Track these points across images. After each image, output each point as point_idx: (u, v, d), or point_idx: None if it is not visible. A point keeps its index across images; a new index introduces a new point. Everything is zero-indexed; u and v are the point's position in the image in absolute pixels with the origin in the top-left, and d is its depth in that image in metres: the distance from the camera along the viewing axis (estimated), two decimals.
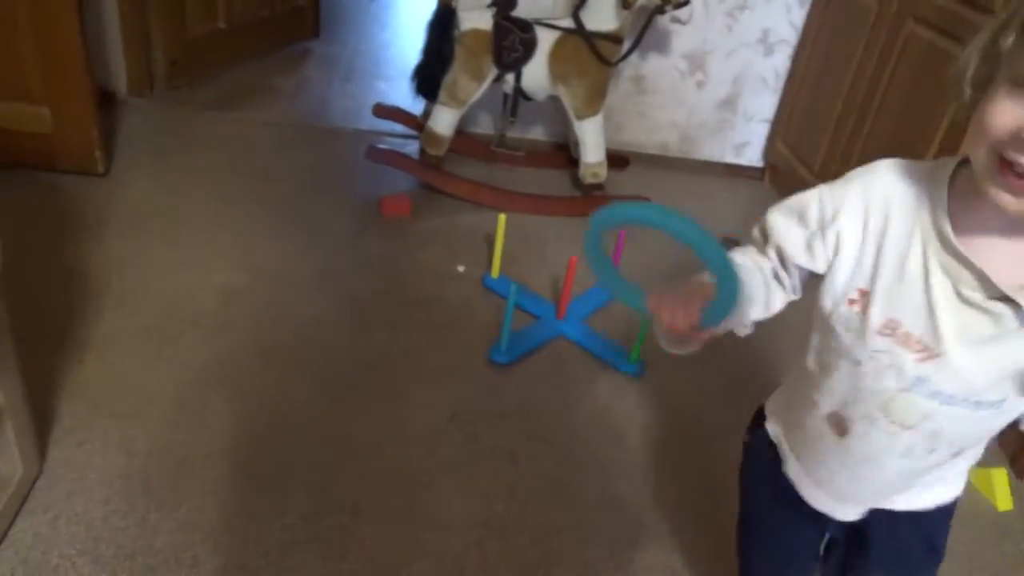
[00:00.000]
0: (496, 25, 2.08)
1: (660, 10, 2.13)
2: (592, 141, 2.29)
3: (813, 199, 0.73)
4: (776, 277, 0.77)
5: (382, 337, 1.74)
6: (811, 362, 0.79)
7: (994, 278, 0.63)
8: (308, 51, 3.33)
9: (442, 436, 1.51)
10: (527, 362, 1.73)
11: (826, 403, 0.78)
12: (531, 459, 1.49)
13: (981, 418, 0.71)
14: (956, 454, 0.77)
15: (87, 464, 1.31)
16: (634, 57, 2.52)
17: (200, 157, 2.36)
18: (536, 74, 2.16)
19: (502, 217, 1.87)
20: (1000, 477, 1.58)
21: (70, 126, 2.01)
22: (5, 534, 1.17)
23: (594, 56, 2.12)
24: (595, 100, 2.22)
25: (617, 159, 2.58)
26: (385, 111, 2.53)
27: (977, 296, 0.65)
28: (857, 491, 0.82)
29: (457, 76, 2.14)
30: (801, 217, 0.73)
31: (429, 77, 2.21)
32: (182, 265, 1.85)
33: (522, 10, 2.12)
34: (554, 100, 2.32)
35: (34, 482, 1.26)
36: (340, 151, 2.51)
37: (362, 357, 1.67)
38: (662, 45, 2.55)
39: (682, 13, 2.26)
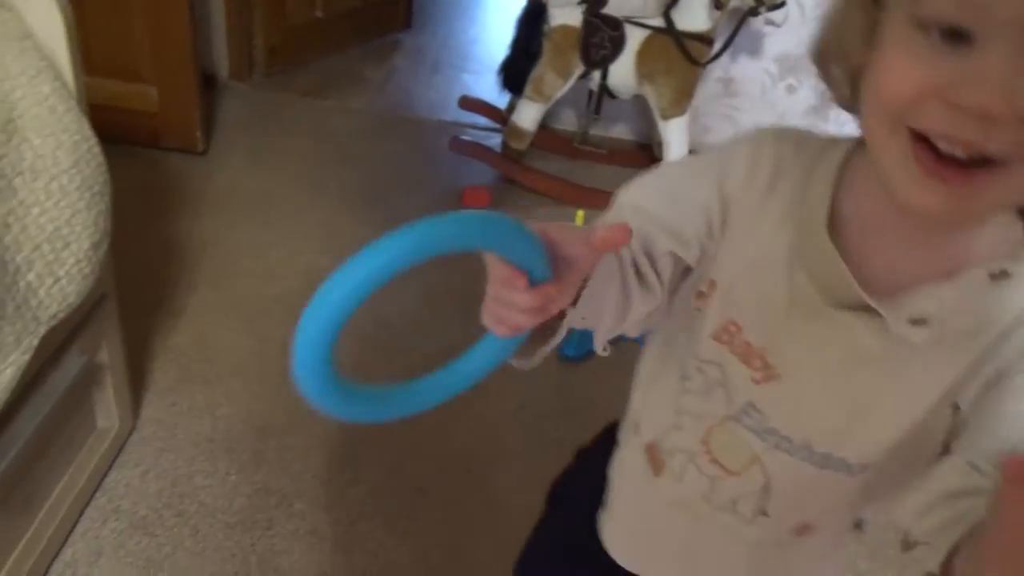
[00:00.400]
0: (585, 22, 2.09)
1: (754, 12, 2.09)
2: (676, 141, 2.27)
3: (686, 172, 0.60)
4: (637, 272, 0.54)
5: (456, 326, 1.78)
6: (643, 372, 0.66)
7: (862, 283, 0.49)
8: (398, 42, 3.40)
9: (509, 426, 1.54)
10: (596, 359, 1.74)
11: (647, 428, 0.64)
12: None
13: (830, 484, 0.54)
14: (802, 531, 0.60)
15: (175, 424, 1.40)
16: (723, 58, 2.48)
17: (292, 141, 2.45)
18: (623, 72, 2.15)
19: (580, 213, 1.88)
20: None
21: (174, 106, 2.12)
22: (100, 484, 1.26)
23: (683, 56, 2.10)
24: (682, 100, 2.20)
25: None
26: (471, 103, 2.57)
27: (841, 304, 0.50)
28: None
29: (544, 71, 2.16)
30: (671, 194, 0.57)
31: (516, 71, 2.23)
32: (271, 244, 1.93)
33: (612, 7, 2.12)
34: (639, 98, 2.31)
35: (128, 436, 1.35)
36: (424, 141, 2.57)
37: (435, 343, 1.71)
38: (753, 47, 2.50)
39: (776, 15, 2.21)
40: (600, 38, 2.10)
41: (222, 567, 1.19)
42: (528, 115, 2.25)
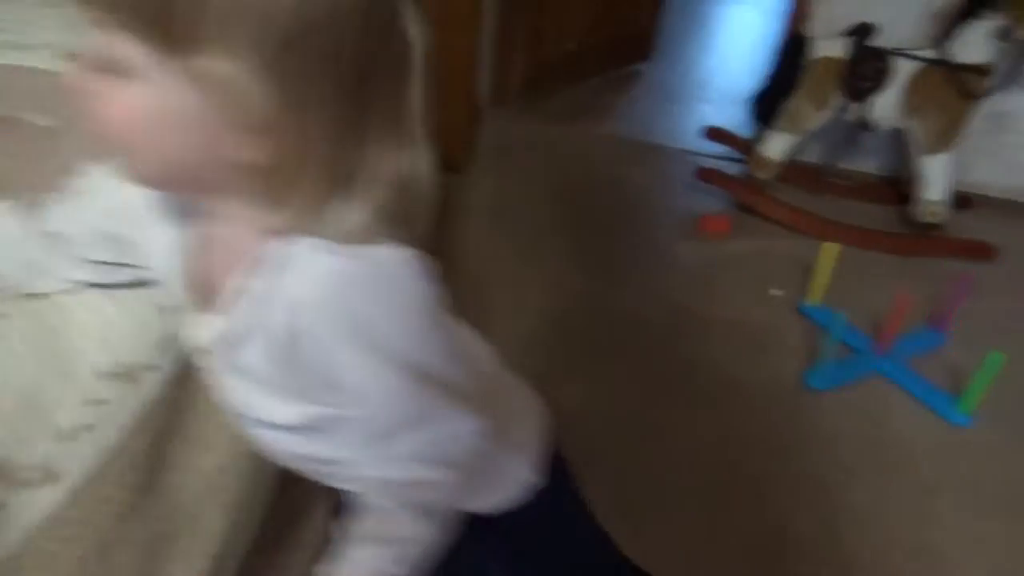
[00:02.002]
0: (853, 54, 2.06)
1: None
2: (936, 178, 2.16)
3: None
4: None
5: (693, 345, 1.83)
6: None
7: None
8: (640, 73, 3.51)
9: (744, 451, 1.55)
10: (839, 393, 1.71)
11: None
12: (839, 488, 1.48)
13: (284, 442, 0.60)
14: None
15: None
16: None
17: (542, 163, 2.63)
18: (887, 105, 2.09)
19: (832, 245, 1.85)
20: None
21: (449, 127, 2.38)
22: None
23: (958, 90, 2.00)
24: (950, 135, 2.09)
25: (960, 199, 2.39)
26: (717, 133, 2.61)
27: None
28: None
29: (800, 103, 2.16)
30: None
31: (770, 102, 2.24)
32: (515, 258, 2.10)
33: (880, 38, 2.07)
34: (894, 132, 2.22)
35: None
36: (663, 168, 2.64)
37: (671, 361, 1.77)
38: None
39: None
40: (866, 69, 2.06)
41: None
42: (778, 146, 2.25)
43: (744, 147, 2.48)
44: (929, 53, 2.02)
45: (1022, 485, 1.54)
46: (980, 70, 2.00)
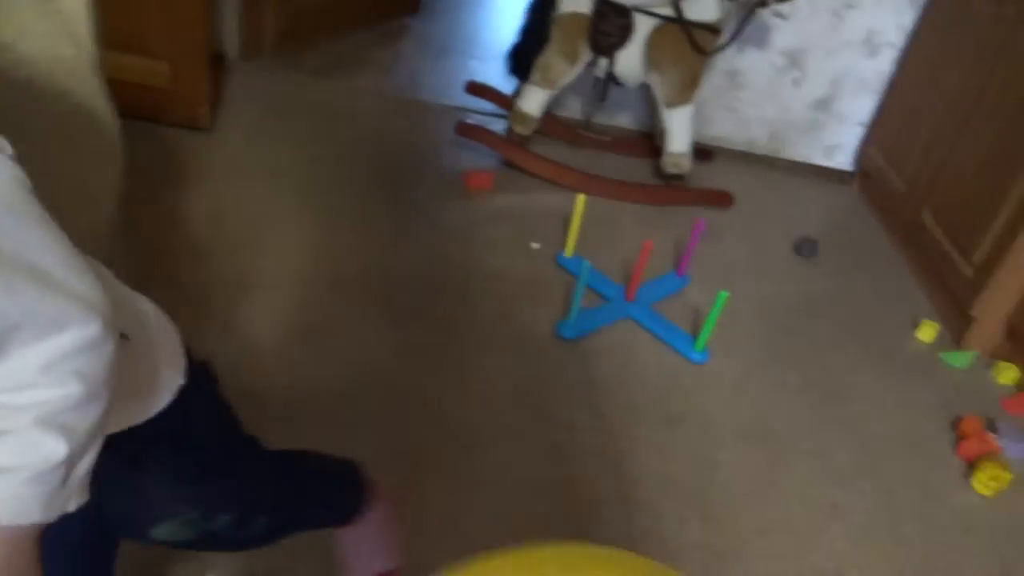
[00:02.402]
0: (595, 10, 2.10)
1: (762, 3, 2.10)
2: (679, 130, 2.29)
3: None
4: None
5: (453, 302, 1.80)
6: None
7: None
8: (406, 26, 3.41)
9: (503, 402, 1.56)
10: (592, 340, 1.77)
11: None
12: (588, 432, 1.53)
13: None
14: None
15: None
16: (730, 50, 2.49)
17: (297, 120, 2.46)
18: (630, 60, 2.17)
19: (581, 197, 1.89)
20: None
21: (184, 82, 2.14)
22: None
23: (691, 46, 2.12)
24: (688, 89, 2.21)
25: (701, 151, 2.57)
26: (477, 88, 2.58)
27: None
28: None
29: (551, 57, 2.18)
30: None
31: (524, 57, 2.25)
32: (273, 219, 1.96)
33: None
34: (644, 88, 2.32)
35: None
36: (428, 124, 2.58)
37: (433, 320, 1.73)
38: (760, 39, 2.52)
39: (784, 8, 2.22)
40: (609, 25, 2.11)
41: None
42: (534, 101, 2.26)
43: (504, 102, 2.48)
44: (666, 11, 2.11)
45: (750, 411, 1.68)
46: (710, 28, 2.13)
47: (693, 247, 1.95)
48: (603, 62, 2.18)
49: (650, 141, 2.61)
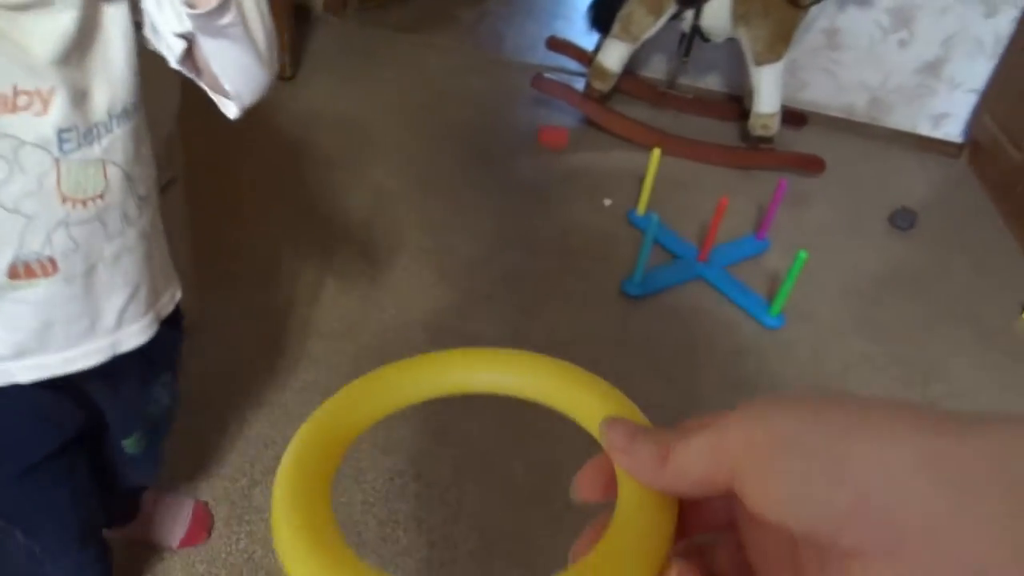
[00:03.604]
0: None
1: None
2: (768, 90, 2.15)
3: None
4: None
5: (519, 254, 1.76)
6: None
7: None
8: None
9: (563, 354, 1.50)
10: (660, 299, 1.69)
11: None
12: (646, 391, 1.46)
13: None
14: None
15: (232, 318, 1.44)
16: (830, 7, 2.33)
17: (379, 73, 2.47)
18: (718, 12, 2.05)
19: (655, 152, 1.81)
20: None
21: None
22: None
23: None
24: (778, 45, 2.08)
25: (794, 116, 2.42)
26: (558, 44, 2.52)
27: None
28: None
29: (633, 9, 2.08)
30: None
31: (605, 10, 2.16)
32: (344, 163, 1.96)
33: None
34: (733, 46, 2.20)
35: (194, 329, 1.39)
36: (509, 81, 2.53)
37: (498, 269, 1.70)
38: None
39: None
40: None
41: (263, 451, 1.22)
42: (614, 55, 2.18)
43: (585, 58, 2.40)
44: None
45: (827, 382, 1.57)
46: None
47: (775, 209, 1.83)
48: (688, 14, 2.07)
49: (739, 104, 2.48)
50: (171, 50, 0.62)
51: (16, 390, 0.66)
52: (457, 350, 0.31)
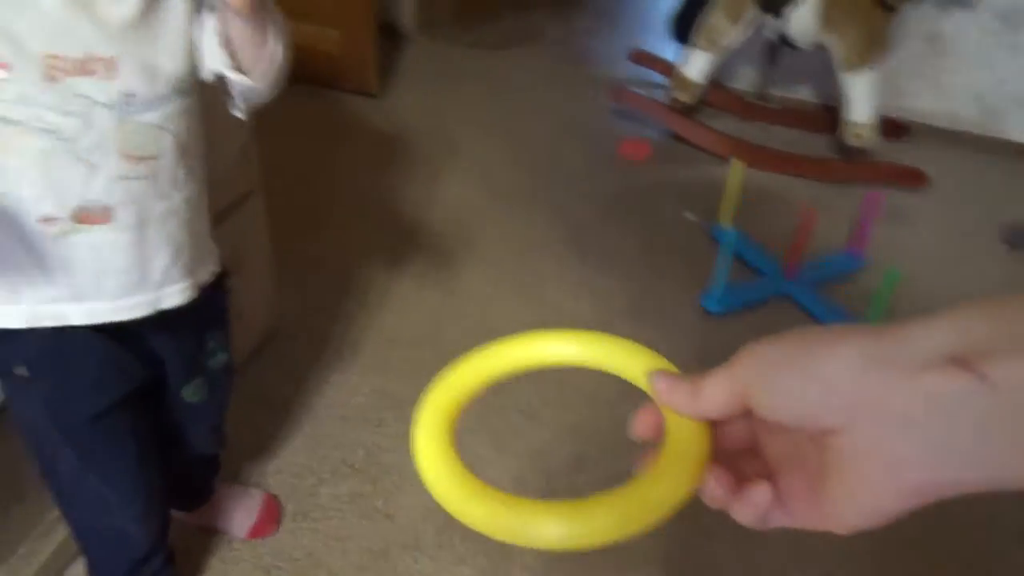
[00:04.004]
0: None
1: None
2: (860, 98, 2.05)
3: None
4: None
5: (596, 268, 1.74)
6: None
7: None
8: (582, 3, 3.38)
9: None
10: (741, 316, 1.63)
11: (57, 208, 0.67)
12: None
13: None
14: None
15: (313, 324, 1.48)
16: (932, 11, 2.21)
17: (464, 89, 2.51)
18: (804, 17, 1.97)
19: (737, 164, 1.75)
20: None
21: (353, 49, 2.25)
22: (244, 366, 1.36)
23: (873, 0, 1.89)
24: (870, 50, 1.98)
25: (894, 126, 2.30)
26: (642, 57, 2.49)
27: None
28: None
29: (715, 17, 2.04)
30: None
31: (687, 19, 2.13)
32: (426, 177, 2.00)
33: None
34: (824, 52, 2.11)
35: (273, 334, 1.45)
36: (592, 95, 2.52)
37: (574, 282, 1.68)
38: None
39: None
40: None
41: (331, 452, 1.24)
42: (696, 65, 2.14)
43: (669, 71, 2.36)
44: None
45: None
46: None
47: (868, 224, 1.74)
48: (772, 21, 2.01)
49: (834, 115, 2.38)
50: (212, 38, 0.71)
51: (84, 336, 0.74)
52: (537, 332, 0.40)
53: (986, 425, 0.25)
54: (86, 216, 0.68)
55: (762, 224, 1.89)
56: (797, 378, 0.29)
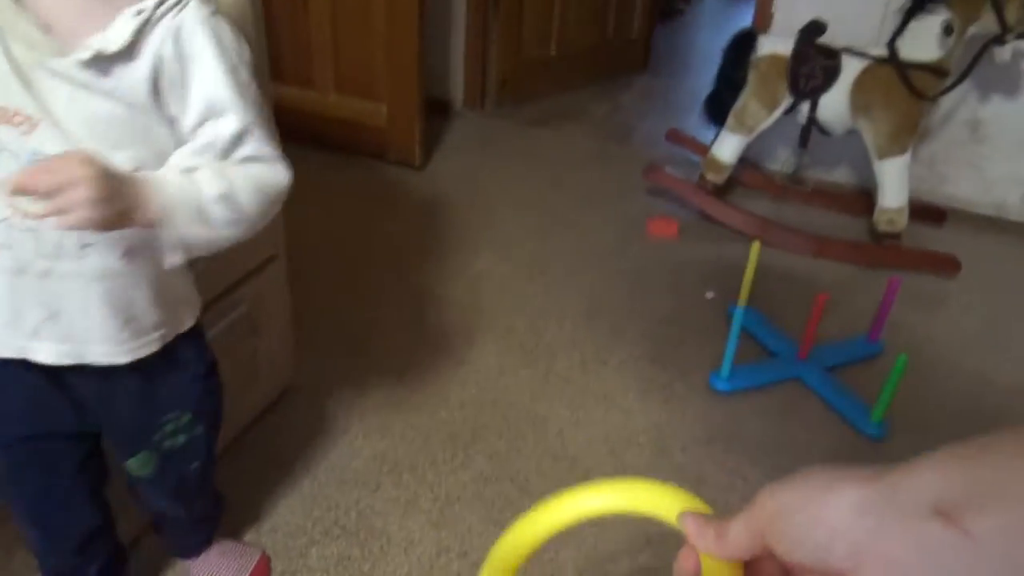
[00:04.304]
0: (796, 50, 1.98)
1: (1000, 40, 1.84)
2: (892, 184, 2.05)
3: None
4: None
5: (607, 341, 1.76)
6: None
7: (56, 33, 0.69)
8: (631, 83, 3.47)
9: (638, 448, 1.48)
10: (750, 396, 1.62)
11: None
12: (723, 489, 1.39)
13: None
14: (128, 253, 0.76)
15: (323, 386, 1.55)
16: (972, 98, 2.21)
17: (504, 163, 2.61)
18: (835, 104, 2.00)
19: (755, 245, 1.77)
20: None
21: (399, 123, 2.38)
22: (253, 424, 1.43)
23: (905, 87, 1.91)
24: (901, 137, 1.98)
25: (931, 212, 2.27)
26: (678, 136, 2.55)
27: (49, 54, 0.68)
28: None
29: (748, 101, 2.08)
30: None
31: (721, 103, 2.18)
32: (455, 248, 2.08)
33: (830, 36, 1.99)
34: (856, 136, 2.12)
35: (287, 392, 1.52)
36: (627, 172, 2.58)
37: (585, 355, 1.71)
38: (1010, 84, 2.19)
39: None
40: (811, 68, 1.98)
41: (325, 513, 1.29)
42: (728, 147, 2.17)
43: (702, 150, 2.41)
44: (879, 50, 1.93)
45: None
46: (932, 68, 1.90)
47: (888, 309, 1.72)
48: (804, 107, 2.04)
49: (869, 197, 2.37)
50: None
51: (14, 369, 0.79)
52: (571, 489, 0.44)
53: (972, 571, 0.29)
54: None
55: (782, 305, 1.89)
56: (804, 524, 0.33)
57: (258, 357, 1.43)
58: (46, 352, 0.78)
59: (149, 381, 0.84)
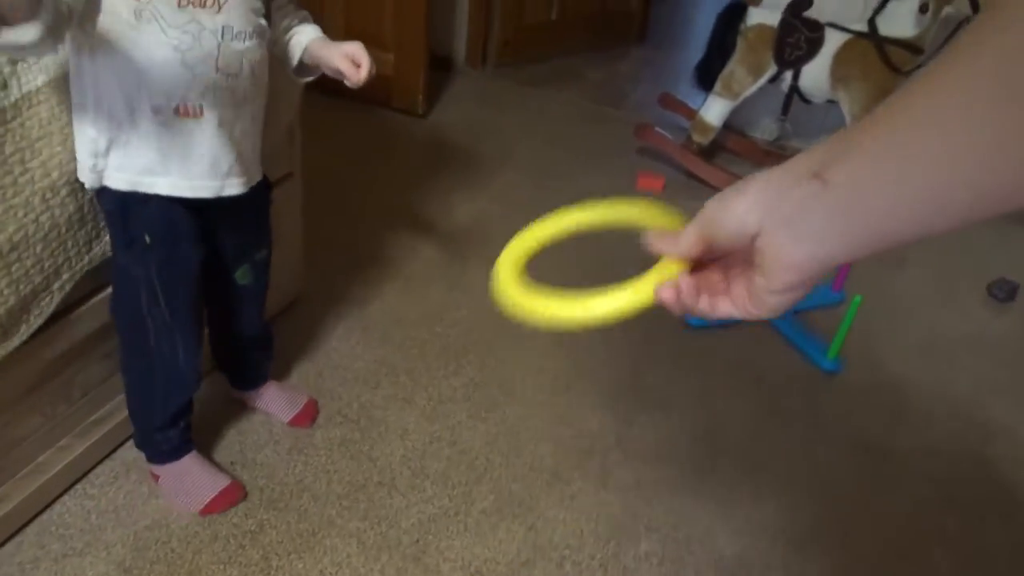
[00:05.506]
0: (783, 22, 2.12)
1: (970, 21, 1.98)
2: None
3: None
4: None
5: (591, 270, 1.90)
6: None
7: None
8: (628, 53, 3.59)
9: (614, 370, 1.63)
10: (718, 333, 1.77)
11: (163, 100, 0.91)
12: (683, 412, 1.54)
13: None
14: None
15: (330, 299, 1.68)
16: None
17: (503, 119, 2.73)
18: (816, 75, 2.14)
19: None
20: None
21: (405, 72, 2.50)
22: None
23: (882, 62, 2.05)
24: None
25: None
26: (669, 101, 2.68)
27: None
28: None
29: (735, 68, 2.22)
30: None
31: (709, 68, 2.31)
32: (453, 190, 2.20)
33: (816, 10, 2.13)
34: (834, 105, 2.27)
35: (297, 301, 1.65)
36: (619, 133, 2.71)
37: (573, 283, 1.85)
38: None
39: None
40: (796, 39, 2.11)
41: (329, 403, 1.43)
42: (714, 110, 2.31)
43: (692, 115, 2.54)
44: (859, 26, 2.07)
45: (874, 427, 1.58)
46: (907, 44, 2.04)
47: (848, 264, 1.87)
48: (787, 75, 2.18)
49: None
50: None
51: (182, 211, 0.99)
52: (574, 205, 0.57)
53: (829, 215, 0.37)
54: (184, 110, 0.92)
55: None
56: (730, 209, 0.42)
57: (272, 268, 1.56)
58: (234, 187, 1.01)
59: (249, 207, 1.09)
